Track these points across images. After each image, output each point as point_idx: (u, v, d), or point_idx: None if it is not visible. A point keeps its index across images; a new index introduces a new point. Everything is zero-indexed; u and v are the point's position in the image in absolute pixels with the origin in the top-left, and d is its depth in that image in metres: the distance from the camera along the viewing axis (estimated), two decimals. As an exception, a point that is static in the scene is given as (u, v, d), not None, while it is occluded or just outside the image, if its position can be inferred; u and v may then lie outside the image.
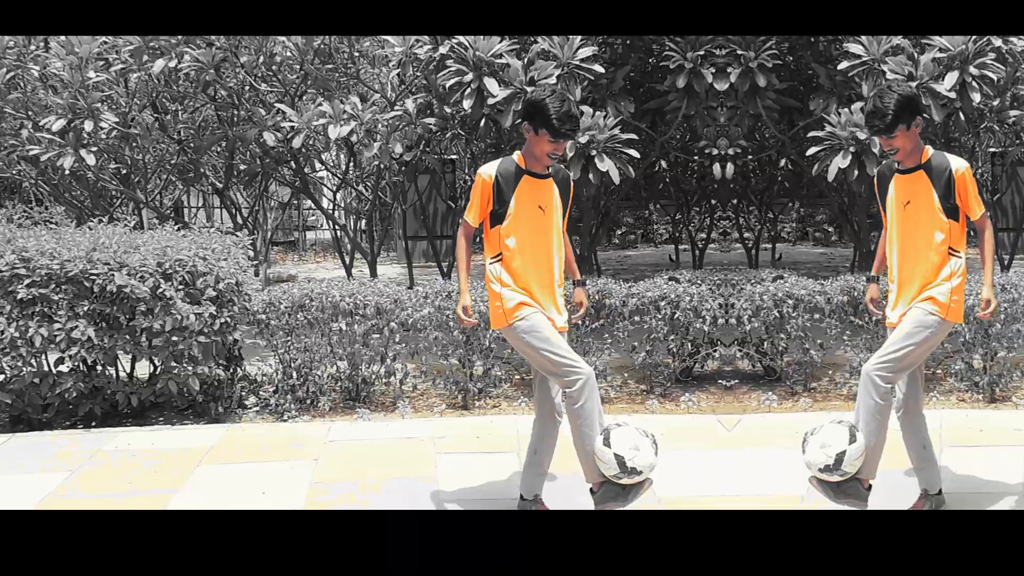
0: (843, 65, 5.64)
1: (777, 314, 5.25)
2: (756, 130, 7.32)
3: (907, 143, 3.24)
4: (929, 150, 3.31)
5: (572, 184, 3.51)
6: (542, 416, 3.37)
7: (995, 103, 5.79)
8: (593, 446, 3.17)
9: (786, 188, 9.06)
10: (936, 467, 3.46)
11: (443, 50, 5.82)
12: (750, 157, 7.51)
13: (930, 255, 3.26)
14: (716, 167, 6.39)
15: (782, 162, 8.02)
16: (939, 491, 3.42)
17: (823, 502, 3.58)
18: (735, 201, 8.54)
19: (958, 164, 3.27)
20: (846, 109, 5.55)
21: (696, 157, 7.55)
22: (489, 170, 3.31)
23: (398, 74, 6.76)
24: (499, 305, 3.27)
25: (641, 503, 3.59)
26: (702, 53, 5.81)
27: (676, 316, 5.27)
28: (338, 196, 11.11)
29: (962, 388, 5.18)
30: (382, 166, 7.01)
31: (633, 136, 5.83)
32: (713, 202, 8.85)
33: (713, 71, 5.85)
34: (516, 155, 3.35)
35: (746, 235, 8.89)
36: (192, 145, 7.61)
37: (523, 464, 3.49)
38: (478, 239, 3.53)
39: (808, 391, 5.32)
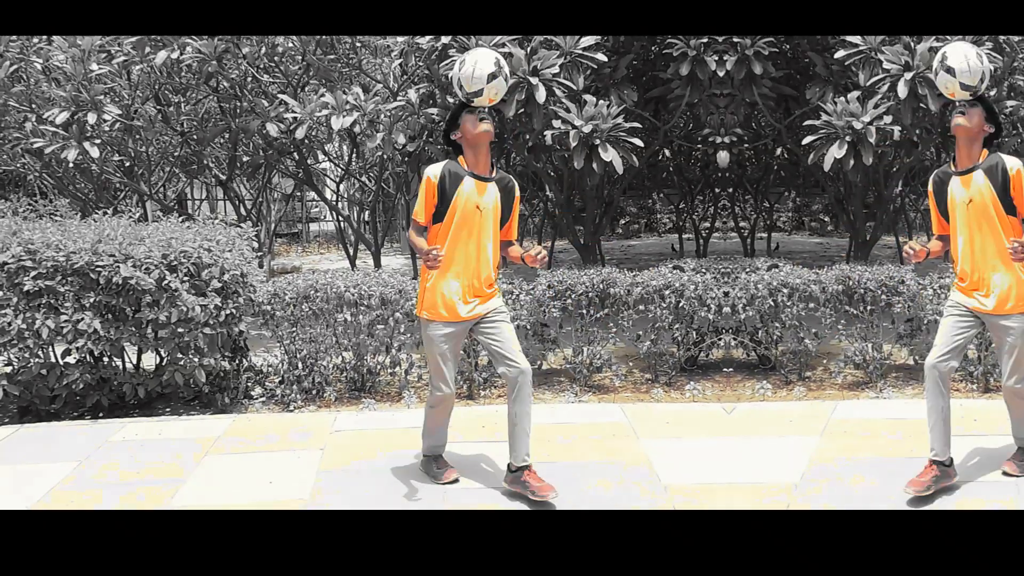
0: (840, 54, 5.63)
1: (772, 303, 5.27)
2: (752, 119, 7.31)
3: (971, 127, 3.44)
4: (986, 152, 3.50)
5: (518, 194, 3.73)
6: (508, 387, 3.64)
7: (991, 93, 5.77)
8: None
9: (782, 177, 9.06)
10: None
11: (445, 40, 5.82)
12: (746, 146, 7.52)
13: (998, 245, 3.46)
14: (721, 155, 6.40)
15: (778, 151, 8.01)
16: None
17: (819, 492, 3.62)
18: (731, 190, 8.56)
19: (1012, 162, 3.46)
20: (842, 98, 5.54)
21: (700, 145, 7.55)
22: (435, 170, 3.54)
23: (400, 64, 6.75)
24: (421, 298, 3.62)
25: (648, 501, 3.62)
26: (705, 41, 5.81)
27: (681, 305, 5.29)
28: (341, 187, 11.12)
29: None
30: (385, 157, 7.02)
31: (636, 125, 5.82)
32: (716, 190, 8.85)
33: (716, 59, 5.85)
34: (459, 159, 3.57)
35: (741, 224, 8.91)
36: (195, 137, 7.61)
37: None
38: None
39: (802, 380, 5.34)
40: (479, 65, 3.40)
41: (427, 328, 3.62)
